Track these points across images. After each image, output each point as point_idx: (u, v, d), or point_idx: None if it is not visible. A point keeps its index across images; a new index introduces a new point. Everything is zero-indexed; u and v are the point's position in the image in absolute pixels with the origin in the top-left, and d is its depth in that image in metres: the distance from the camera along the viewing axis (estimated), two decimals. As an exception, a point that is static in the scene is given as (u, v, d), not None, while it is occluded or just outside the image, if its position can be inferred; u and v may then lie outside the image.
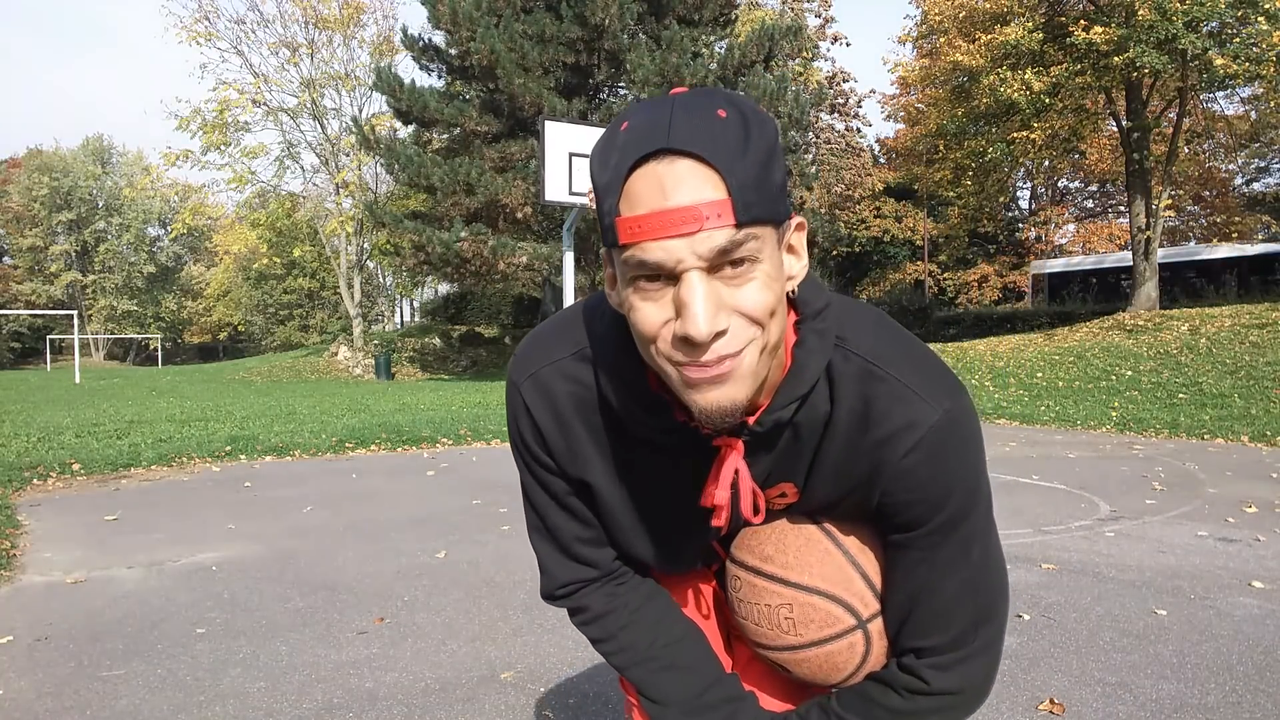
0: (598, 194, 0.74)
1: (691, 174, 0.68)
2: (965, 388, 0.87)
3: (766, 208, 0.70)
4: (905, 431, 0.82)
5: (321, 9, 27.55)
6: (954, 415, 0.83)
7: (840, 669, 0.93)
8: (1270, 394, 10.09)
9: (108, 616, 2.99)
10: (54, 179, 52.96)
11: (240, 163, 28.59)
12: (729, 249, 0.69)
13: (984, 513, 0.88)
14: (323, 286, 44.17)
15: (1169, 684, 2.33)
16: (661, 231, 0.68)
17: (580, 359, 0.89)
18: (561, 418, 0.90)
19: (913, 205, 31.18)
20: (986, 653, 0.92)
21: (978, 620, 0.89)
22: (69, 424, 9.52)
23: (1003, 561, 0.92)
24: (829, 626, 0.91)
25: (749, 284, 0.71)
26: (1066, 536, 4.13)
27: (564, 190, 10.50)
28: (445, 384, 19.73)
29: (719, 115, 0.71)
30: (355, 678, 2.42)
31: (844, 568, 0.92)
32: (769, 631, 0.94)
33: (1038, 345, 15.61)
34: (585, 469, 0.92)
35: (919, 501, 0.84)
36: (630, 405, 0.85)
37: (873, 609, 0.92)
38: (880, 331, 0.87)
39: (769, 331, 0.73)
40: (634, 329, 0.75)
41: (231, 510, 4.91)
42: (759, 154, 0.70)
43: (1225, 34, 14.76)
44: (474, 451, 7.63)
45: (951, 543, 0.86)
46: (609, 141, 0.73)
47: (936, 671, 0.89)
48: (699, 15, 19.11)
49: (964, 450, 0.84)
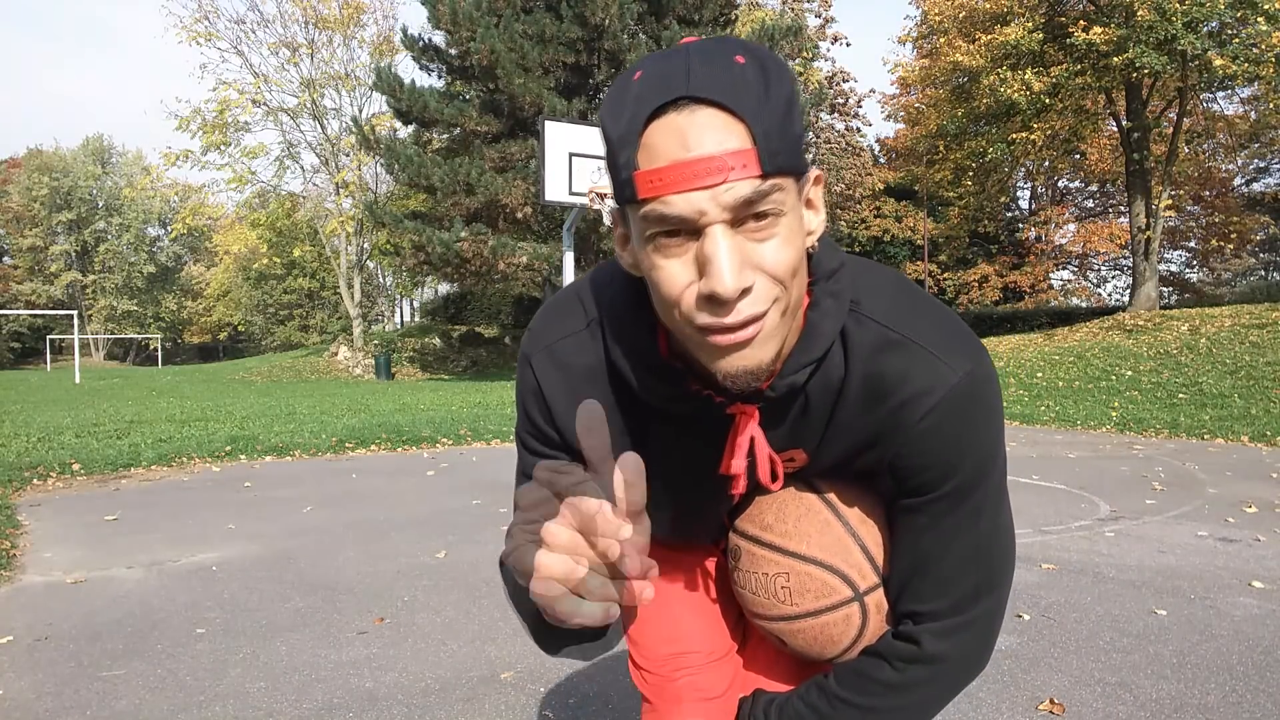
0: (611, 147, 0.70)
1: (714, 123, 0.66)
2: (987, 351, 0.84)
3: (790, 157, 0.68)
4: (923, 395, 0.80)
5: (321, 9, 27.58)
6: (975, 379, 0.80)
7: (835, 642, 0.92)
8: (1270, 394, 10.09)
9: (108, 616, 2.99)
10: (54, 179, 52.96)
11: (240, 163, 28.65)
12: (754, 200, 0.66)
13: (997, 482, 0.86)
14: (323, 286, 44.16)
15: (1169, 684, 2.33)
16: (684, 183, 0.66)
17: (592, 331, 0.87)
18: (573, 392, 0.88)
19: (913, 205, 31.16)
20: (984, 624, 0.89)
21: (979, 590, 0.87)
22: (69, 424, 9.52)
23: (1012, 535, 0.90)
24: (825, 597, 0.90)
25: (772, 239, 0.68)
26: (1066, 536, 4.13)
27: (564, 190, 10.51)
28: (445, 384, 19.73)
29: (737, 61, 0.68)
30: (355, 678, 2.42)
31: (843, 538, 0.91)
32: (766, 600, 0.94)
33: (1038, 345, 15.61)
34: None
35: (932, 466, 0.82)
36: (642, 374, 0.83)
37: (870, 582, 0.91)
38: (898, 294, 0.84)
39: (791, 291, 0.71)
40: (655, 292, 0.72)
41: (231, 510, 4.91)
42: (780, 101, 0.67)
43: (1225, 34, 14.77)
44: (474, 451, 7.63)
45: (961, 510, 0.84)
46: (621, 92, 0.70)
47: (931, 637, 0.87)
48: (699, 15, 19.11)
49: (982, 416, 0.82)
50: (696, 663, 1.03)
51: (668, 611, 1.06)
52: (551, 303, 0.92)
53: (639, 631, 1.07)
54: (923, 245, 31.00)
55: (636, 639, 1.06)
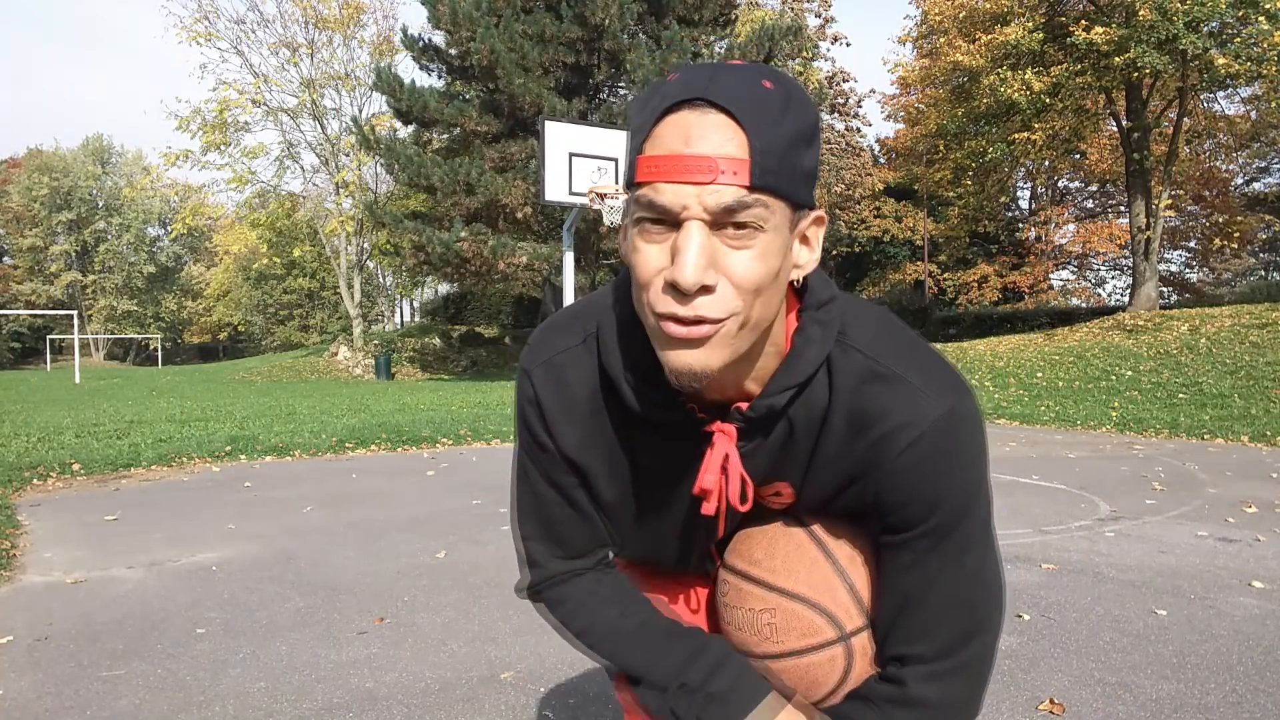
0: (631, 135, 0.76)
1: (719, 128, 0.69)
2: (973, 391, 0.84)
3: (784, 181, 0.70)
4: (902, 429, 0.80)
5: (321, 9, 27.57)
6: (957, 415, 0.81)
7: (820, 684, 0.90)
8: (1270, 394, 10.09)
9: (108, 616, 2.99)
10: (54, 179, 52.96)
11: (240, 163, 28.63)
12: (735, 209, 0.69)
13: (981, 521, 0.85)
14: (323, 286, 44.17)
15: (1169, 684, 2.33)
16: (675, 175, 0.69)
17: (589, 346, 0.89)
18: (569, 405, 0.90)
19: (913, 205, 31.17)
20: (973, 669, 0.87)
21: (968, 632, 0.85)
22: (69, 424, 9.52)
23: (1000, 576, 0.88)
24: (809, 636, 0.89)
25: (746, 251, 0.71)
26: (1066, 536, 4.13)
27: (564, 190, 10.50)
28: (445, 384, 19.73)
29: (764, 85, 0.71)
30: (355, 678, 2.42)
31: (830, 577, 0.90)
32: (751, 638, 0.92)
33: (1038, 345, 15.61)
34: (589, 457, 0.92)
35: (912, 502, 0.82)
36: (636, 382, 0.84)
37: (856, 624, 0.89)
38: (885, 329, 0.85)
39: (754, 308, 0.73)
40: (633, 275, 0.76)
41: (231, 510, 4.91)
42: (791, 130, 0.71)
43: (1226, 34, 14.77)
44: (474, 451, 7.63)
45: (944, 549, 0.83)
46: (653, 90, 0.75)
47: (918, 681, 0.85)
48: (699, 15, 19.12)
49: (963, 453, 0.81)
50: None
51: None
52: (551, 320, 0.95)
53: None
54: (923, 245, 31.00)
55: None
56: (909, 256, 32.37)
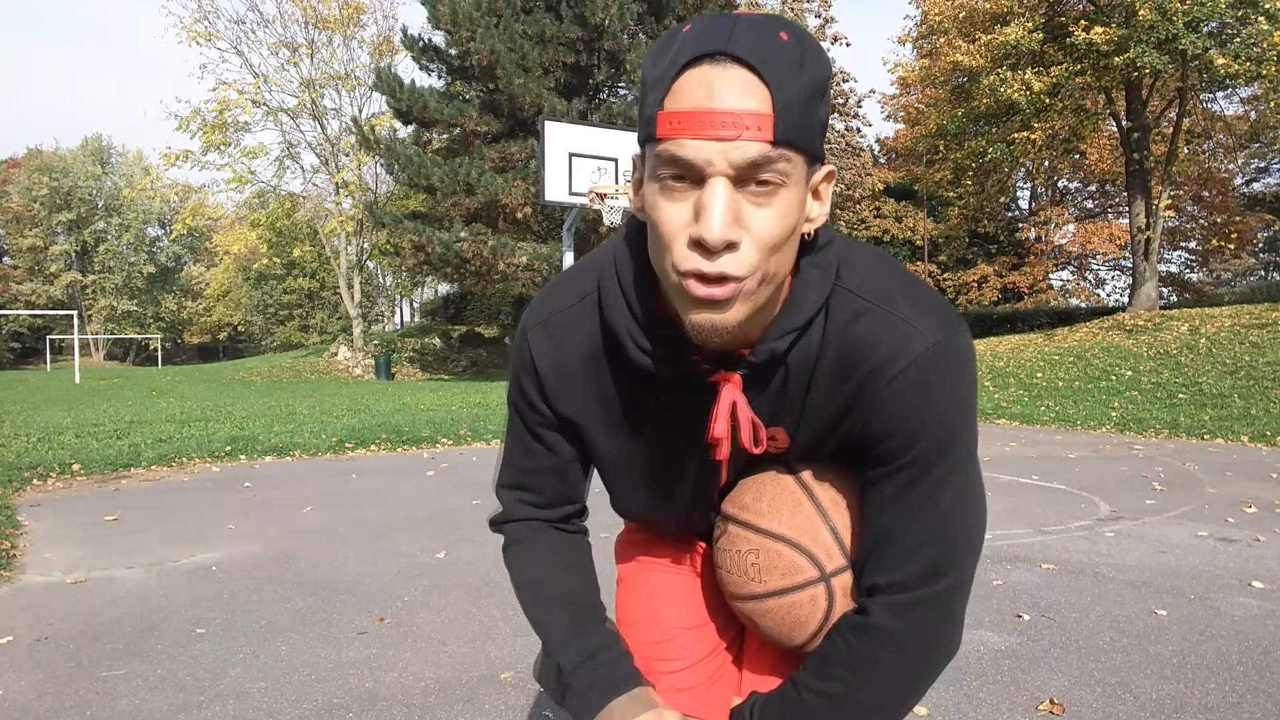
0: (644, 89, 0.75)
1: (742, 82, 0.69)
2: (965, 326, 0.84)
3: (805, 135, 0.71)
4: (890, 360, 0.81)
5: (321, 9, 27.56)
6: (946, 348, 0.81)
7: (803, 624, 0.92)
8: (1270, 394, 10.09)
9: (108, 616, 2.99)
10: (54, 179, 52.95)
11: (240, 163, 28.61)
12: (760, 164, 0.69)
13: (961, 457, 0.84)
14: (323, 287, 44.15)
15: (1169, 684, 2.33)
16: (700, 131, 0.69)
17: (587, 304, 0.90)
18: (565, 363, 0.92)
19: (913, 205, 31.17)
20: (943, 602, 0.86)
21: (938, 566, 0.85)
22: (69, 424, 9.52)
23: (980, 515, 0.87)
24: (791, 575, 0.91)
25: (769, 208, 0.71)
26: (1066, 536, 4.13)
27: (564, 190, 10.51)
28: (445, 384, 19.73)
29: (780, 37, 0.71)
30: (355, 678, 2.42)
31: (813, 519, 0.92)
32: (738, 579, 0.95)
33: (1038, 345, 15.61)
34: (587, 415, 0.94)
35: (895, 434, 0.82)
36: (637, 335, 0.85)
37: (837, 564, 0.91)
38: (878, 268, 0.85)
39: (772, 264, 0.73)
40: (652, 231, 0.75)
41: (231, 510, 4.91)
42: (810, 82, 0.71)
43: (1226, 34, 14.77)
44: (474, 452, 7.63)
45: (923, 483, 0.83)
46: (667, 41, 0.74)
47: (884, 610, 0.85)
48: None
49: (949, 386, 0.82)
50: (677, 654, 1.04)
51: (653, 603, 1.08)
52: (551, 282, 0.97)
53: (622, 619, 1.09)
54: (922, 245, 31.00)
55: (620, 626, 1.07)
56: (909, 256, 32.36)
